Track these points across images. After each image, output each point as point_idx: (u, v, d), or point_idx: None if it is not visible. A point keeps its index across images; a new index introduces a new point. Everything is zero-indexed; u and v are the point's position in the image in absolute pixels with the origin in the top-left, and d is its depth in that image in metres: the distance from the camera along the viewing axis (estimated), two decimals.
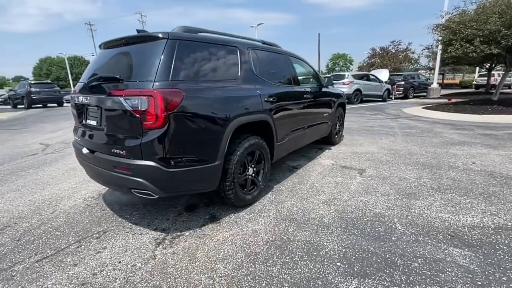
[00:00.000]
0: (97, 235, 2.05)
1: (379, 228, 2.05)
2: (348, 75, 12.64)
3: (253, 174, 2.47)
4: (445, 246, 1.81)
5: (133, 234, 2.05)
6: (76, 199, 2.72)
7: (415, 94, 15.75)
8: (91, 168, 2.14)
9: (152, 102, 1.67)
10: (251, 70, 2.47)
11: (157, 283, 1.54)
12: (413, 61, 31.16)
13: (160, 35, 1.85)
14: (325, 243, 1.88)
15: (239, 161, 2.21)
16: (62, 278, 1.60)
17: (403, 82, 14.93)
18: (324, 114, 3.97)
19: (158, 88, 1.69)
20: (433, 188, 2.76)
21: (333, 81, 4.43)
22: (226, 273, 1.60)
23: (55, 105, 16.73)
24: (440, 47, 11.67)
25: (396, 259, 1.69)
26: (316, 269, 1.63)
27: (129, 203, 2.56)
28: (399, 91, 14.98)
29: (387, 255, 1.73)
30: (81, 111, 2.21)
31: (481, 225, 2.05)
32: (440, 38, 10.14)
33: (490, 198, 2.49)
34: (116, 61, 2.03)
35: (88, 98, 2.05)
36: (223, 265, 1.68)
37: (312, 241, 1.91)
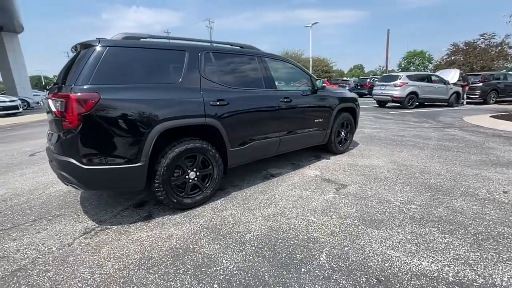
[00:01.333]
0: (50, 218, 2.37)
1: (297, 255, 1.77)
2: (402, 75, 11.03)
3: (195, 178, 2.44)
4: None
5: (74, 221, 2.30)
6: (64, 185, 3.19)
7: (499, 99, 12.69)
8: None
9: (67, 104, 1.84)
10: (199, 73, 2.44)
11: (46, 268, 1.69)
12: (510, 58, 25.00)
13: (91, 43, 2.02)
14: (223, 261, 1.73)
15: (171, 164, 2.22)
16: None
17: (480, 84, 12.18)
18: (316, 120, 3.60)
19: (74, 92, 1.85)
20: (412, 218, 2.22)
21: (383, 82, 3.98)
22: (107, 272, 1.65)
23: None
24: None
25: None
26: (189, 286, 1.52)
27: (105, 193, 2.85)
28: (475, 94, 12.30)
29: None
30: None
31: (435, 275, 1.55)
32: None
33: (486, 242, 1.85)
34: (68, 65, 2.28)
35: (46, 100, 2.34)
36: (112, 264, 1.73)
37: (212, 256, 1.78)
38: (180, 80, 2.32)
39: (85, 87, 1.88)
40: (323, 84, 3.61)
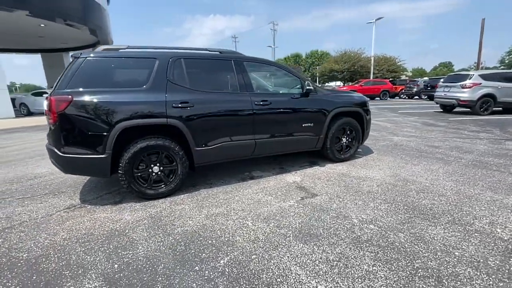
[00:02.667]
0: (56, 194, 2.99)
1: (203, 255, 1.81)
2: (474, 74, 9.05)
3: (158, 173, 2.71)
4: None
5: (68, 198, 2.85)
6: None
7: None
8: None
9: (49, 104, 2.34)
10: (166, 78, 2.69)
11: (24, 229, 2.20)
12: None
13: (76, 55, 2.50)
14: (139, 247, 1.92)
15: (133, 157, 2.54)
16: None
17: None
18: (304, 125, 3.43)
19: (54, 95, 2.34)
20: (357, 238, 1.96)
21: (447, 83, 3.64)
22: (55, 240, 2.03)
23: None
24: None
25: None
26: (98, 262, 1.77)
27: (103, 179, 3.43)
28: None
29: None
30: None
31: None
32: None
33: (421, 282, 1.52)
34: (62, 73, 2.82)
35: None
36: (63, 234, 2.11)
37: (134, 241, 1.99)
38: (148, 84, 2.62)
39: (63, 90, 2.36)
40: (309, 87, 3.37)
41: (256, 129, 3.12)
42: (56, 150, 2.43)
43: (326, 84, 36.18)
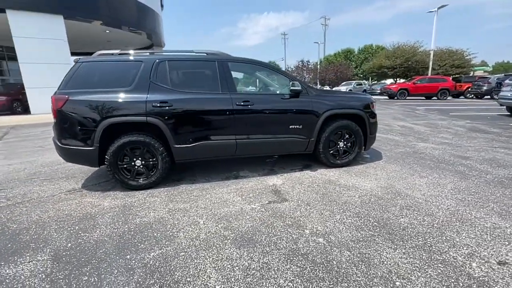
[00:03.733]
0: (69, 178, 3.53)
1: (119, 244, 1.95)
2: None
3: (140, 166, 2.96)
4: None
5: (74, 183, 3.33)
6: None
7: None
8: None
9: (52, 102, 2.77)
10: (149, 79, 2.90)
11: (28, 205, 2.67)
12: None
13: (76, 60, 2.89)
14: (96, 230, 2.16)
15: (117, 151, 2.83)
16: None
17: None
18: (291, 127, 3.29)
19: (55, 94, 2.76)
20: (293, 249, 1.85)
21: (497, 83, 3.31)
22: (42, 216, 2.42)
23: None
24: None
25: None
26: (64, 239, 2.06)
27: None
28: None
29: None
30: None
31: None
32: None
33: None
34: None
35: None
36: (50, 213, 2.50)
37: (96, 225, 2.24)
38: (132, 85, 2.88)
39: (61, 91, 2.77)
40: (296, 88, 3.20)
41: (237, 129, 3.14)
42: (57, 142, 2.87)
43: (372, 81, 33.21)
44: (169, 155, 3.03)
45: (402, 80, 21.98)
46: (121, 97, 2.83)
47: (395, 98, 17.92)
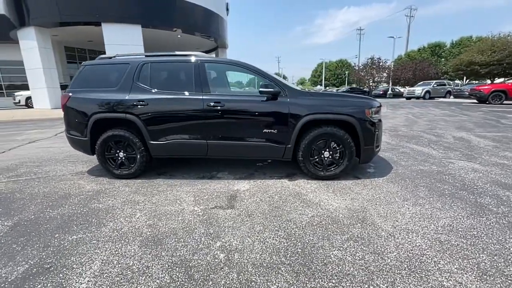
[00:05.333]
0: (82, 162, 4.22)
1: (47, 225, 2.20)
2: None
3: (123, 157, 3.31)
4: None
5: (84, 167, 3.97)
6: None
7: None
8: None
9: (61, 99, 3.37)
10: (132, 80, 3.18)
11: (40, 181, 3.34)
12: None
13: (82, 64, 3.42)
14: (65, 206, 2.55)
15: (103, 143, 3.24)
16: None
17: None
18: (265, 131, 3.07)
19: (63, 93, 3.34)
20: (180, 258, 1.75)
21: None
22: (40, 192, 3.01)
23: None
24: None
25: None
26: (46, 211, 2.52)
27: None
28: None
29: None
30: None
31: None
32: None
33: None
34: None
35: None
36: (46, 189, 3.08)
37: (65, 203, 2.64)
38: (118, 85, 3.22)
39: (68, 89, 3.33)
40: (270, 89, 2.96)
41: (208, 130, 3.14)
42: (66, 132, 3.49)
43: (465, 81, 26.74)
44: (146, 150, 3.28)
45: (499, 80, 17.13)
46: (108, 96, 3.21)
47: (486, 102, 14.31)
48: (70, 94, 3.32)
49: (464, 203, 2.50)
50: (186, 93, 3.16)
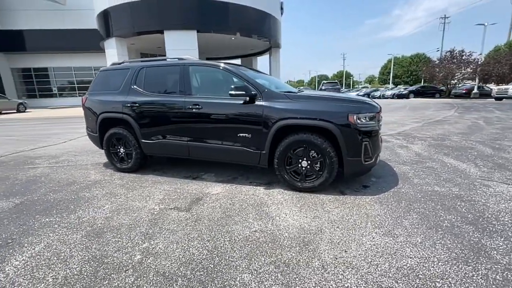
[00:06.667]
0: (97, 156, 4.86)
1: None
2: None
3: (123, 153, 3.69)
4: None
5: (101, 158, 4.57)
6: None
7: None
8: None
9: (81, 100, 3.97)
10: (130, 84, 3.50)
11: (60, 169, 4.02)
12: None
13: (100, 70, 3.93)
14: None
15: (108, 139, 3.69)
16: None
17: None
18: (240, 135, 2.96)
19: (83, 96, 3.92)
20: (92, 256, 1.86)
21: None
22: (53, 177, 3.63)
23: None
24: None
25: None
26: (38, 190, 3.07)
27: None
28: None
29: None
30: None
31: None
32: None
33: None
34: None
35: None
36: (60, 175, 3.68)
37: (57, 188, 3.12)
38: (120, 88, 3.60)
39: (86, 93, 3.90)
40: (233, 92, 2.82)
41: (188, 132, 3.22)
42: (86, 128, 4.09)
43: None
44: (140, 148, 3.58)
45: None
46: (111, 98, 3.63)
47: None
48: (87, 96, 3.89)
49: (459, 242, 1.90)
50: (172, 95, 3.32)
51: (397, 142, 5.16)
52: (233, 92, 2.83)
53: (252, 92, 2.86)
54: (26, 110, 18.40)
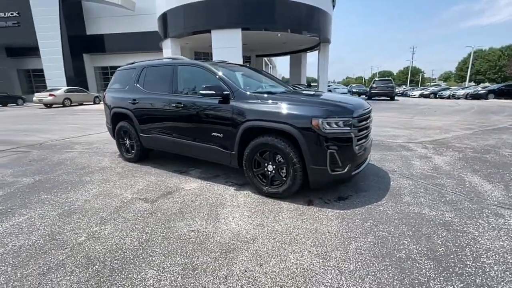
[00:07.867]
0: (106, 148, 5.45)
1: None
2: None
3: (129, 144, 4.12)
4: None
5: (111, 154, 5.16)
6: None
7: None
8: None
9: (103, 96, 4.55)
10: (134, 82, 3.85)
11: (76, 160, 4.70)
12: None
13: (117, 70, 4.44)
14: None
15: (118, 132, 4.17)
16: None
17: None
18: (213, 134, 2.98)
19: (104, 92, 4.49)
20: (61, 245, 2.15)
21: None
22: (73, 163, 4.28)
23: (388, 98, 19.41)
24: None
25: None
26: (36, 172, 3.68)
27: None
28: None
29: None
30: None
31: None
32: None
33: None
34: None
35: None
36: (75, 165, 4.32)
37: (57, 177, 3.67)
38: (127, 87, 4.00)
39: (106, 89, 4.45)
40: (203, 92, 2.84)
41: (173, 128, 3.41)
42: (106, 122, 4.69)
43: None
44: (139, 141, 3.94)
45: None
46: (121, 95, 4.08)
47: None
48: (105, 93, 4.45)
49: (398, 280, 1.56)
50: (162, 94, 3.54)
51: (421, 152, 4.41)
52: (203, 92, 2.87)
53: (224, 92, 2.85)
54: (101, 102, 21.92)
